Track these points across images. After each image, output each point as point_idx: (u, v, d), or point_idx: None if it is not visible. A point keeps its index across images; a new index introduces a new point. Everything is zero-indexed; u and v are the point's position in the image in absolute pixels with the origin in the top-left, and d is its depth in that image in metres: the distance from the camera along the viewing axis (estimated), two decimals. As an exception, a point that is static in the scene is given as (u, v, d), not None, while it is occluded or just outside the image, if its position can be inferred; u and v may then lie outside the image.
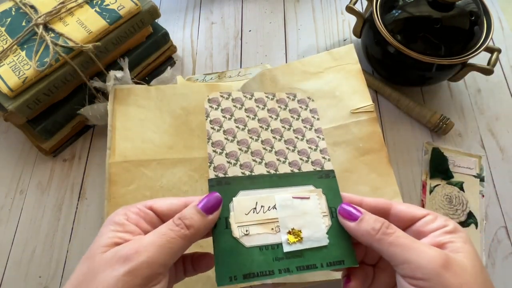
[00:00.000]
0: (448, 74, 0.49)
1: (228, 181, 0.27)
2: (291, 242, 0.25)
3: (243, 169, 0.27)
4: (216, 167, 0.27)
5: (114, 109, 0.44)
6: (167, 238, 0.22)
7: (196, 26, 0.62)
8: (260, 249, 0.24)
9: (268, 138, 0.29)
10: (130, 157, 0.42)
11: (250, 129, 0.29)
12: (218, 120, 0.29)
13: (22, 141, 0.52)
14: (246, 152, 0.28)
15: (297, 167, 0.28)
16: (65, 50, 0.43)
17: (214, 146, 0.28)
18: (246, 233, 0.25)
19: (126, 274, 0.20)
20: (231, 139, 0.29)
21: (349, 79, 0.44)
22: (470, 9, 0.45)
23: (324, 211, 0.27)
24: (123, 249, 0.21)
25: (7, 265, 0.44)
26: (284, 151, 0.29)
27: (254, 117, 0.30)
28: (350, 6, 0.51)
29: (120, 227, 0.23)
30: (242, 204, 0.26)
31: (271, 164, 0.28)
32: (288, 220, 0.26)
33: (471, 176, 0.48)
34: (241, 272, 0.23)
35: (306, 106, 0.32)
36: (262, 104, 0.31)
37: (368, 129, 0.41)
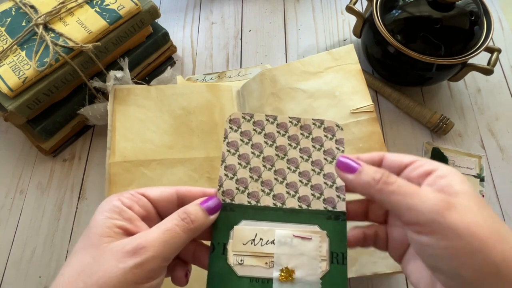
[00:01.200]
0: (448, 74, 0.49)
1: (233, 208, 0.27)
2: (281, 280, 0.25)
3: (250, 198, 0.27)
4: (224, 192, 0.27)
5: (114, 109, 0.44)
6: (172, 234, 0.22)
7: (196, 26, 0.62)
8: (250, 280, 0.25)
9: (282, 168, 0.28)
10: (130, 157, 0.42)
11: (265, 157, 0.28)
12: (235, 143, 0.29)
13: (22, 141, 0.52)
14: (256, 181, 0.28)
15: (306, 203, 0.27)
16: (65, 50, 0.43)
17: (226, 170, 0.28)
18: (241, 263, 0.25)
19: (134, 267, 0.21)
20: (244, 165, 0.28)
21: (349, 79, 0.44)
22: (470, 9, 0.45)
23: (324, 255, 0.26)
24: (130, 243, 0.22)
25: (7, 265, 0.44)
26: (296, 184, 0.28)
27: (272, 144, 0.29)
28: (350, 6, 0.51)
29: (117, 214, 0.23)
30: (242, 233, 0.26)
31: (279, 196, 0.27)
32: (284, 257, 0.26)
33: (471, 176, 0.48)
34: None
35: (333, 136, 0.30)
36: (284, 129, 0.29)
37: (368, 129, 0.41)
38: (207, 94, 0.47)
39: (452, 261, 0.20)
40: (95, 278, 0.20)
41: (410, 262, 0.24)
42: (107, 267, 0.21)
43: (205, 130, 0.44)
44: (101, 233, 0.22)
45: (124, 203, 0.24)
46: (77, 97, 0.47)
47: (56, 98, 0.46)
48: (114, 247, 0.22)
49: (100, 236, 0.22)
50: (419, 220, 0.21)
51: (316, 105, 0.43)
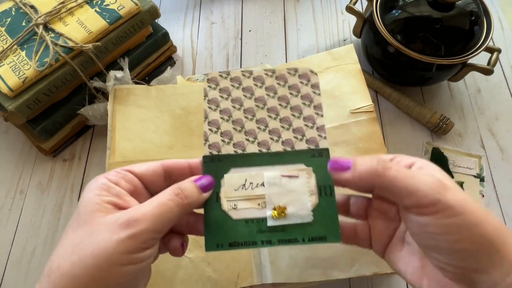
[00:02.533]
0: (448, 74, 0.49)
1: (220, 158, 0.28)
2: (275, 217, 0.26)
3: (236, 148, 0.28)
4: (210, 145, 0.28)
5: (114, 109, 0.44)
6: (165, 208, 0.23)
7: (196, 26, 0.62)
8: (245, 222, 0.26)
9: (263, 117, 0.29)
10: (130, 157, 0.42)
11: (246, 109, 0.30)
12: (216, 100, 0.30)
13: (22, 141, 0.52)
14: (240, 131, 0.29)
15: (290, 146, 0.29)
16: (65, 50, 0.43)
17: (210, 125, 0.29)
18: (234, 207, 0.27)
19: (127, 238, 0.21)
20: (226, 119, 0.29)
21: (349, 79, 0.44)
22: (470, 9, 0.45)
23: (312, 190, 0.27)
24: (124, 216, 0.22)
25: (7, 265, 0.44)
26: (279, 129, 0.29)
27: (251, 96, 0.30)
28: (350, 6, 0.51)
29: (104, 191, 0.24)
30: (232, 180, 0.27)
31: (264, 143, 0.29)
32: (274, 197, 0.27)
33: (471, 176, 0.48)
34: (227, 241, 0.26)
35: (308, 81, 0.31)
36: (261, 82, 0.30)
37: (367, 129, 0.41)
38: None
39: (452, 237, 0.21)
40: (89, 250, 0.21)
41: (396, 250, 0.25)
42: (100, 239, 0.21)
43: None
44: (92, 209, 0.23)
45: (110, 180, 0.24)
46: (77, 97, 0.47)
47: (56, 98, 0.46)
48: (107, 220, 0.22)
49: (91, 212, 0.22)
50: (422, 201, 0.22)
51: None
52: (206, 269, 0.38)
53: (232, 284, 0.38)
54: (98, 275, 0.21)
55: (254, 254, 0.40)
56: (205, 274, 0.38)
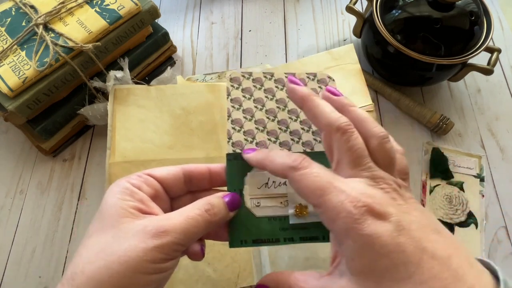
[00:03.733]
0: (448, 74, 0.49)
1: None
2: (297, 215, 0.27)
3: (258, 146, 0.29)
4: (234, 143, 0.29)
5: (114, 109, 0.44)
6: (194, 223, 0.23)
7: (196, 26, 0.62)
8: (268, 219, 0.27)
9: (284, 119, 0.30)
10: (130, 157, 0.42)
11: (268, 110, 0.30)
12: (238, 99, 0.30)
13: (22, 141, 0.52)
14: (262, 131, 0.30)
15: (310, 147, 0.29)
16: (65, 50, 0.43)
17: (233, 124, 0.30)
18: (258, 205, 0.27)
19: (154, 248, 0.21)
20: (249, 118, 0.30)
21: (349, 79, 0.44)
22: (470, 9, 0.45)
23: None
24: (152, 225, 0.22)
25: (7, 265, 0.44)
26: (299, 131, 0.30)
27: (272, 98, 0.31)
28: (350, 6, 0.51)
29: (128, 196, 0.24)
30: (255, 179, 0.28)
31: (285, 143, 0.29)
32: (296, 196, 0.27)
33: (471, 176, 0.48)
34: (251, 238, 0.27)
35: (326, 86, 0.32)
36: (281, 84, 0.31)
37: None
38: (207, 94, 0.47)
39: None
40: (116, 256, 0.21)
41: None
42: (127, 246, 0.21)
43: (205, 130, 0.44)
44: (117, 214, 0.23)
45: (133, 184, 0.25)
46: (77, 97, 0.47)
47: (56, 98, 0.46)
48: (134, 227, 0.22)
49: (117, 216, 0.23)
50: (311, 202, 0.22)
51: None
52: (206, 269, 0.38)
53: (232, 284, 0.38)
54: (123, 281, 0.21)
55: (254, 254, 0.40)
56: (205, 274, 0.38)
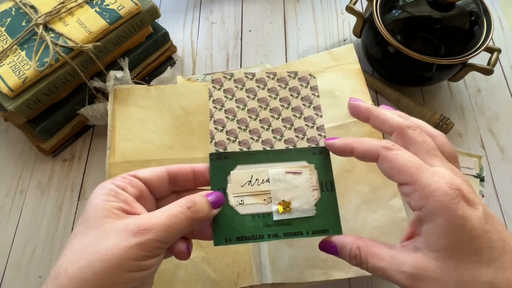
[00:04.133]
0: (448, 74, 0.49)
1: (227, 156, 0.29)
2: (280, 212, 0.28)
3: (241, 145, 0.30)
4: (217, 143, 0.30)
5: (114, 109, 0.44)
6: (176, 220, 0.24)
7: (196, 26, 0.62)
8: (252, 217, 0.28)
9: (266, 117, 0.31)
10: (130, 157, 0.42)
11: (250, 109, 0.31)
12: (220, 100, 0.31)
13: (22, 141, 0.52)
14: (244, 130, 0.30)
15: (292, 144, 0.30)
16: (65, 50, 0.43)
17: (215, 124, 0.30)
18: (241, 203, 0.28)
19: (136, 246, 0.22)
20: (231, 118, 0.31)
21: (349, 79, 0.44)
22: (470, 9, 0.45)
23: (315, 185, 0.29)
24: (134, 223, 0.23)
25: (7, 265, 0.44)
26: (281, 129, 0.31)
27: (254, 97, 0.31)
28: (350, 6, 0.51)
29: (112, 197, 0.24)
30: (238, 177, 0.29)
31: (267, 141, 0.30)
32: (279, 192, 0.28)
33: (471, 176, 0.48)
34: (235, 235, 0.27)
35: (307, 84, 0.33)
36: (263, 84, 0.32)
37: (367, 128, 0.40)
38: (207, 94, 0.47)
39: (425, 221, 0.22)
40: (98, 255, 0.21)
41: None
42: (109, 245, 0.22)
43: (205, 130, 0.44)
44: (101, 215, 0.23)
45: (117, 185, 0.25)
46: (77, 97, 0.47)
47: (56, 98, 0.46)
48: (116, 226, 0.23)
49: (101, 217, 0.23)
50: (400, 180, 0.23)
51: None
52: (206, 269, 0.38)
53: (232, 284, 0.38)
54: (105, 280, 0.21)
55: (254, 254, 0.40)
56: (205, 274, 0.38)
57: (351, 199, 0.38)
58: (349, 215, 0.37)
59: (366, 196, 0.38)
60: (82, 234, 0.23)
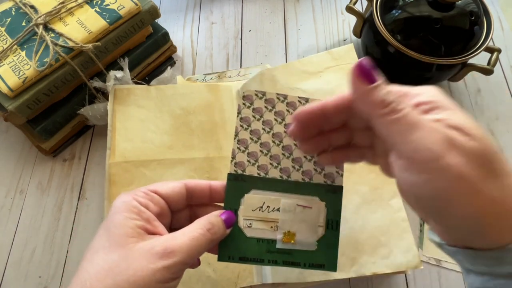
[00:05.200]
0: (448, 74, 0.49)
1: (244, 178, 0.30)
2: (284, 241, 0.29)
3: (260, 170, 0.30)
4: (237, 163, 0.30)
5: (114, 109, 0.44)
6: (198, 242, 0.24)
7: (196, 26, 0.62)
8: (257, 241, 0.29)
9: (289, 145, 0.30)
10: (130, 157, 0.42)
11: (275, 133, 0.30)
12: (248, 119, 0.30)
13: (22, 141, 0.52)
14: (266, 155, 0.30)
15: (308, 177, 0.30)
16: (65, 50, 0.43)
17: (239, 144, 0.30)
18: (249, 226, 0.29)
19: (162, 269, 0.22)
20: (255, 140, 0.30)
21: (349, 79, 0.44)
22: (470, 9, 0.45)
23: (321, 223, 0.29)
24: (159, 246, 0.23)
25: (7, 265, 0.44)
26: (301, 159, 0.30)
27: (281, 121, 0.30)
28: (350, 6, 0.51)
29: (135, 214, 0.24)
30: (251, 201, 0.29)
31: (285, 170, 0.30)
32: (286, 223, 0.29)
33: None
34: (238, 255, 0.28)
35: None
36: (293, 108, 0.30)
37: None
38: (207, 94, 0.47)
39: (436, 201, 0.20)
40: (126, 276, 0.22)
41: None
42: (136, 266, 0.22)
43: (205, 130, 0.44)
44: (125, 233, 0.23)
45: (141, 202, 0.25)
46: (77, 97, 0.47)
47: (56, 98, 0.46)
48: (142, 247, 0.23)
49: (125, 236, 0.23)
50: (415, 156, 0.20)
51: None
52: (206, 269, 0.38)
53: (232, 284, 0.38)
54: None
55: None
56: (205, 274, 0.38)
57: (351, 199, 0.38)
58: (349, 215, 0.37)
59: (366, 196, 0.38)
60: (105, 252, 0.23)
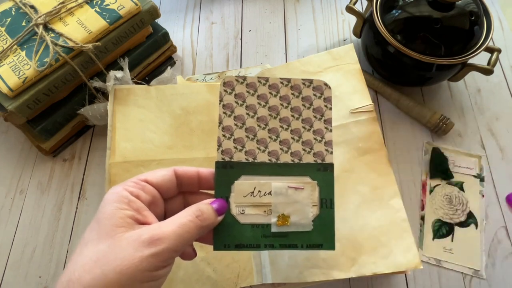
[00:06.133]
0: (448, 74, 0.49)
1: (232, 165, 0.29)
2: (278, 224, 0.29)
3: (247, 155, 0.30)
4: (223, 151, 0.29)
5: (114, 109, 0.44)
6: (186, 229, 0.24)
7: (196, 26, 0.62)
8: (251, 227, 0.29)
9: (275, 127, 0.30)
10: (130, 158, 0.42)
11: (259, 117, 0.30)
12: (231, 105, 0.30)
13: (22, 141, 0.52)
14: (252, 140, 0.30)
15: (298, 158, 0.30)
16: (65, 50, 0.43)
17: (224, 131, 0.30)
18: (242, 212, 0.29)
19: (150, 256, 0.22)
20: (240, 126, 0.30)
21: (349, 79, 0.44)
22: (470, 9, 0.45)
23: (315, 202, 0.29)
24: (146, 234, 0.23)
25: (7, 265, 0.44)
26: (289, 141, 0.30)
27: (265, 105, 0.30)
28: (350, 6, 0.51)
29: (126, 204, 0.24)
30: (242, 187, 0.29)
31: (274, 153, 0.30)
32: (280, 206, 0.29)
33: (471, 176, 0.48)
34: (234, 242, 0.28)
35: (321, 94, 0.31)
36: (275, 90, 0.30)
37: (367, 128, 0.41)
38: (207, 94, 0.47)
39: None
40: (113, 265, 0.22)
41: None
42: (124, 255, 0.22)
43: (205, 130, 0.44)
44: (114, 223, 0.23)
45: (131, 192, 0.25)
46: (77, 97, 0.47)
47: (56, 98, 0.46)
48: (129, 237, 0.23)
49: (113, 226, 0.23)
50: None
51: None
52: (206, 269, 0.38)
53: (232, 284, 0.38)
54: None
55: (254, 254, 0.40)
56: (205, 274, 0.38)
57: (352, 199, 0.38)
58: (349, 215, 0.37)
59: (366, 196, 0.38)
60: (94, 243, 0.23)
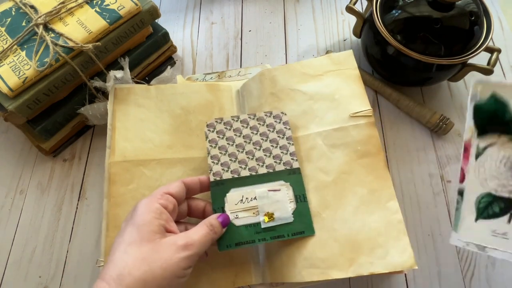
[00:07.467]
0: (448, 74, 0.49)
1: (223, 182, 0.38)
2: (266, 221, 0.36)
3: (233, 173, 0.38)
4: (214, 173, 0.38)
5: (114, 108, 0.44)
6: (206, 238, 0.32)
7: (196, 26, 0.62)
8: (245, 227, 0.36)
9: (251, 150, 0.39)
10: (130, 157, 0.42)
11: (237, 144, 0.40)
12: (215, 140, 0.40)
13: (22, 141, 0.52)
14: (235, 161, 0.39)
15: (272, 168, 0.39)
16: (65, 50, 0.43)
17: (212, 159, 0.39)
18: (236, 217, 0.36)
19: (185, 257, 0.29)
20: (224, 153, 0.39)
21: (349, 83, 0.44)
22: (470, 9, 0.45)
23: (291, 198, 0.37)
24: (181, 240, 0.30)
25: (7, 265, 0.45)
26: (263, 157, 0.39)
27: (240, 135, 0.40)
28: (350, 6, 0.51)
29: (159, 215, 0.31)
30: (232, 197, 0.37)
31: (253, 168, 0.38)
32: (264, 206, 0.37)
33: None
34: (234, 242, 0.35)
35: (280, 120, 0.41)
36: (246, 124, 0.41)
37: (366, 132, 0.40)
38: (207, 94, 0.47)
39: None
40: (158, 263, 0.28)
41: None
42: (166, 256, 0.29)
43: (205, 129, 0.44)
44: (152, 230, 0.30)
45: (162, 205, 0.32)
46: (77, 97, 0.47)
47: (56, 98, 0.46)
48: (167, 242, 0.30)
49: (152, 232, 0.30)
50: None
51: (316, 107, 0.43)
52: (205, 267, 0.38)
53: (230, 283, 0.38)
54: (163, 283, 0.28)
55: (252, 253, 0.40)
56: (203, 272, 0.38)
57: (350, 201, 0.38)
58: (347, 216, 0.37)
59: (364, 198, 0.38)
60: (137, 244, 0.29)
